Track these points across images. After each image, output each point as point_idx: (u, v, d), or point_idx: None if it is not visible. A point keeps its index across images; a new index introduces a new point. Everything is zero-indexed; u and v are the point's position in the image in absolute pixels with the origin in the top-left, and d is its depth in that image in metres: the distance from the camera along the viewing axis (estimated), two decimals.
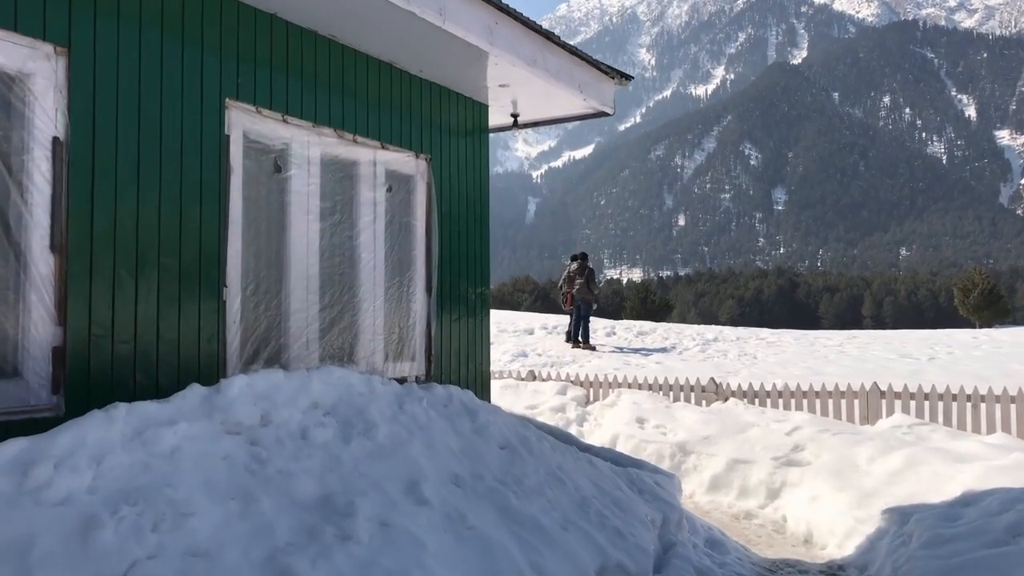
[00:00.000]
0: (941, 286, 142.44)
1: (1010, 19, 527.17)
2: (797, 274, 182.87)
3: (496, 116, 7.41)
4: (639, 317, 62.45)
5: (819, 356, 17.17)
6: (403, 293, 6.08)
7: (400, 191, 6.15)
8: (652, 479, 6.33)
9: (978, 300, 67.00)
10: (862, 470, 7.25)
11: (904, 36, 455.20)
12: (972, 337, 24.33)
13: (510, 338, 20.05)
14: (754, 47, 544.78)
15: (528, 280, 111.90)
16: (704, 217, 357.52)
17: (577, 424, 9.91)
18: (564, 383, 10.72)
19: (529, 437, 4.90)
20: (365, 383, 4.14)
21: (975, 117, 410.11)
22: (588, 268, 18.35)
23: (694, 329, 23.40)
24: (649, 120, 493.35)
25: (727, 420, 8.90)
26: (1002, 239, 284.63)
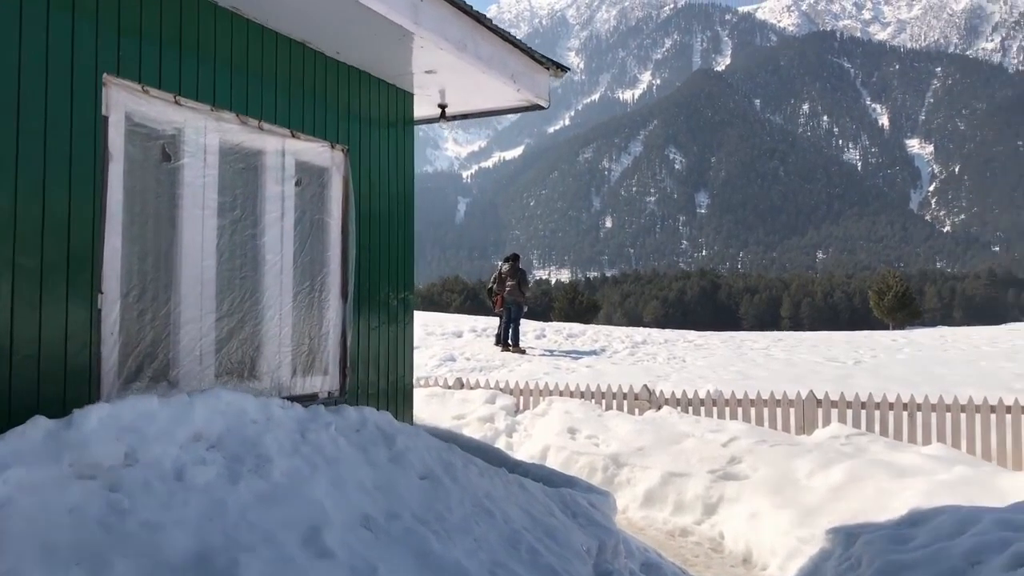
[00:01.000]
0: (856, 288, 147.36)
1: (920, 33, 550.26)
2: (719, 276, 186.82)
3: (422, 106, 6.85)
4: (567, 317, 62.50)
5: (747, 359, 17.10)
6: (315, 299, 5.47)
7: (313, 185, 5.55)
8: (586, 499, 5.88)
9: (892, 302, 69.18)
10: (802, 485, 6.95)
11: (822, 46, 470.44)
12: (892, 340, 24.80)
13: (438, 341, 19.46)
14: (680, 53, 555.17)
15: (458, 280, 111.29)
16: (630, 219, 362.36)
17: (506, 435, 9.42)
18: (493, 391, 10.22)
19: (454, 463, 4.37)
20: (260, 408, 3.55)
21: (887, 126, 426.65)
22: (520, 270, 17.91)
23: (623, 331, 23.22)
24: (578, 123, 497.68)
25: (661, 430, 8.54)
26: (912, 243, 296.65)
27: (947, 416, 8.00)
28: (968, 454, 7.68)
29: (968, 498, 5.58)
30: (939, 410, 8.07)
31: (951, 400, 8.23)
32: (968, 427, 7.88)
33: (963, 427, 7.92)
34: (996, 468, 6.95)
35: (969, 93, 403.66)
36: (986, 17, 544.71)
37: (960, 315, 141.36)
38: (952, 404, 8.02)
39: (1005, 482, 6.07)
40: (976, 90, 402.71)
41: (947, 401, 8.13)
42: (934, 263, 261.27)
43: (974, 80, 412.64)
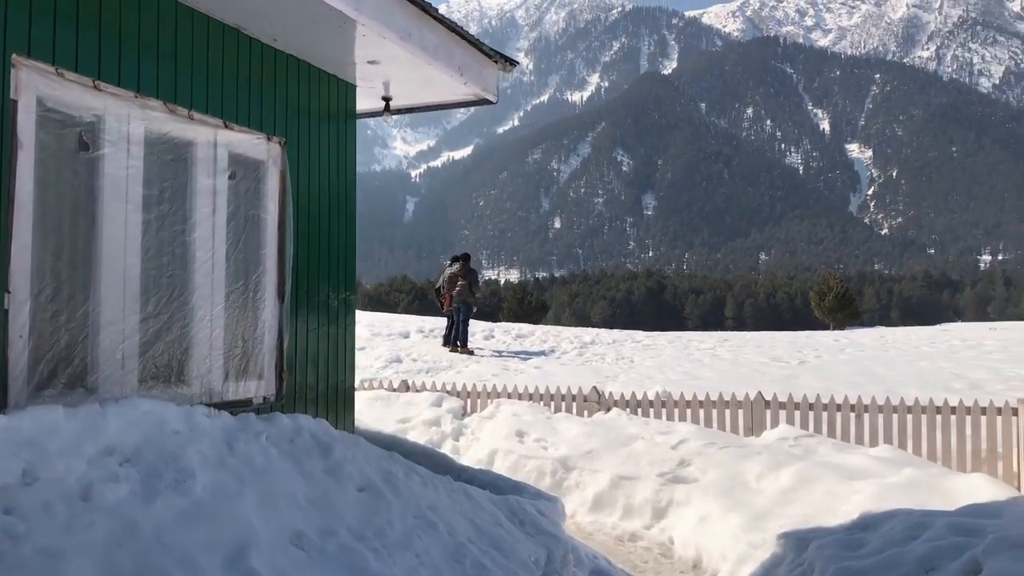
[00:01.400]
0: (797, 289, 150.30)
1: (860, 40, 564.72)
2: (665, 276, 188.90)
3: (366, 99, 6.60)
4: (517, 318, 62.44)
5: (694, 360, 17.15)
6: (249, 299, 5.18)
7: (247, 179, 5.25)
8: (534, 507, 5.69)
9: (833, 303, 70.61)
10: (752, 488, 6.87)
11: (766, 51, 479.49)
12: (834, 340, 25.20)
13: (384, 342, 19.12)
14: (627, 56, 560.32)
15: (406, 280, 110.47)
16: (579, 220, 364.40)
17: (453, 439, 9.20)
18: (439, 394, 9.98)
19: (395, 473, 4.14)
20: (183, 418, 3.28)
21: (828, 131, 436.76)
22: (472, 270, 17.69)
23: (572, 331, 23.16)
24: (527, 124, 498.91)
25: (610, 432, 8.41)
26: (851, 246, 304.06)
27: (893, 417, 8.03)
28: (914, 455, 7.71)
29: (918, 501, 5.55)
30: (886, 411, 8.09)
31: (897, 401, 8.26)
32: (914, 428, 7.91)
33: (909, 428, 7.95)
34: (943, 470, 6.98)
35: (906, 100, 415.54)
36: (922, 26, 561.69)
37: (897, 315, 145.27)
38: (898, 405, 8.05)
39: (953, 484, 6.07)
40: (913, 97, 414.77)
41: (893, 403, 8.16)
42: (872, 265, 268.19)
43: (911, 87, 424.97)
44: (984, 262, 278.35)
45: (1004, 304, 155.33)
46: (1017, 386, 13.21)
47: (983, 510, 4.92)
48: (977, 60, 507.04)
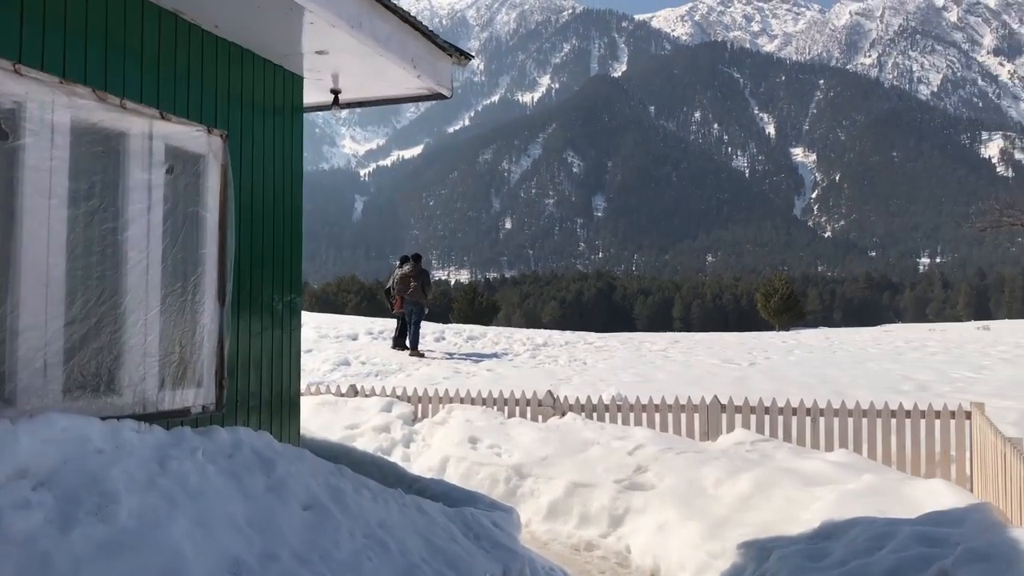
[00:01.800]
0: (743, 290, 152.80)
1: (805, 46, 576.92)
2: (614, 277, 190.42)
3: (314, 92, 6.30)
4: (467, 319, 62.17)
5: (647, 362, 17.11)
6: (187, 302, 4.86)
7: (186, 174, 4.93)
8: (489, 519, 5.47)
9: (778, 304, 71.79)
10: (710, 494, 6.75)
11: (714, 56, 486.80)
12: (782, 342, 25.48)
13: (332, 344, 18.69)
14: (578, 58, 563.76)
15: (354, 280, 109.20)
16: (529, 221, 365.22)
17: (404, 445, 8.92)
18: (389, 399, 9.68)
19: (343, 488, 3.88)
20: (109, 434, 2.98)
21: (774, 135, 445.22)
22: (423, 270, 17.38)
23: (524, 333, 22.99)
24: (478, 124, 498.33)
25: (566, 438, 8.23)
26: (795, 248, 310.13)
27: (849, 421, 8.00)
28: (870, 459, 7.69)
29: (879, 508, 5.47)
30: (841, 415, 8.07)
31: (852, 405, 8.24)
32: (869, 432, 7.89)
33: (864, 432, 7.93)
34: (902, 475, 6.95)
35: (849, 105, 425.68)
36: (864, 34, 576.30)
37: (840, 316, 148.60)
38: (854, 409, 8.03)
39: (913, 490, 6.02)
40: (855, 103, 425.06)
41: (848, 406, 8.14)
42: (816, 267, 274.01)
43: (854, 93, 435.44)
44: (923, 265, 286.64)
45: (942, 306, 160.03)
46: (962, 387, 13.42)
47: (945, 518, 4.85)
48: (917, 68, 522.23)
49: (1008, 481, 5.31)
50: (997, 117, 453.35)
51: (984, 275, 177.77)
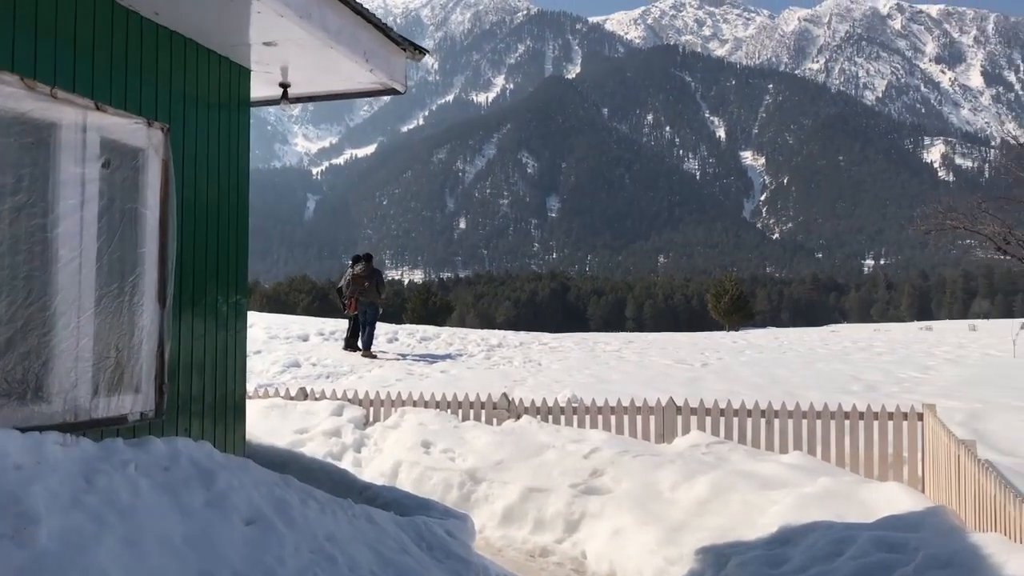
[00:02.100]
0: (694, 291, 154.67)
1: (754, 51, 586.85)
2: (568, 278, 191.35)
3: (262, 86, 6.06)
4: (421, 319, 61.71)
5: (601, 362, 17.09)
6: (125, 303, 4.61)
7: (124, 168, 4.67)
8: (443, 527, 5.31)
9: (728, 305, 72.77)
10: (666, 498, 6.67)
11: (666, 59, 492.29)
12: (733, 342, 25.74)
13: (282, 345, 18.30)
14: (532, 59, 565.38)
15: (306, 280, 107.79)
16: (484, 221, 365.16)
17: (355, 450, 8.69)
18: (340, 402, 9.44)
19: (289, 500, 3.69)
20: (29, 449, 2.75)
21: (724, 138, 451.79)
22: (376, 270, 17.10)
23: (478, 334, 22.83)
24: (432, 123, 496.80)
25: (521, 441, 8.10)
26: (744, 250, 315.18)
27: (803, 423, 8.01)
28: (823, 461, 7.70)
29: (837, 512, 5.45)
30: (795, 417, 8.07)
31: (805, 406, 8.26)
32: (823, 434, 7.91)
33: (818, 433, 7.94)
34: (858, 478, 6.96)
35: (797, 110, 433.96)
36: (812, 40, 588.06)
37: (787, 317, 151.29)
38: (808, 411, 8.04)
39: (869, 494, 6.01)
40: (803, 107, 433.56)
41: (803, 407, 8.15)
42: (764, 268, 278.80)
43: (802, 98, 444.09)
44: (867, 266, 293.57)
45: (886, 307, 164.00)
46: (909, 387, 13.64)
47: (902, 522, 4.83)
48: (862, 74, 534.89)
49: (962, 484, 5.33)
50: (938, 123, 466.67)
51: (926, 277, 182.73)
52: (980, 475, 4.77)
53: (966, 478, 5.19)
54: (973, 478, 4.92)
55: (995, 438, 8.84)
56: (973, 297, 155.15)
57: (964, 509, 5.15)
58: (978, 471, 4.84)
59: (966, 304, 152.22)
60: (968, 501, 5.09)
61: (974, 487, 4.93)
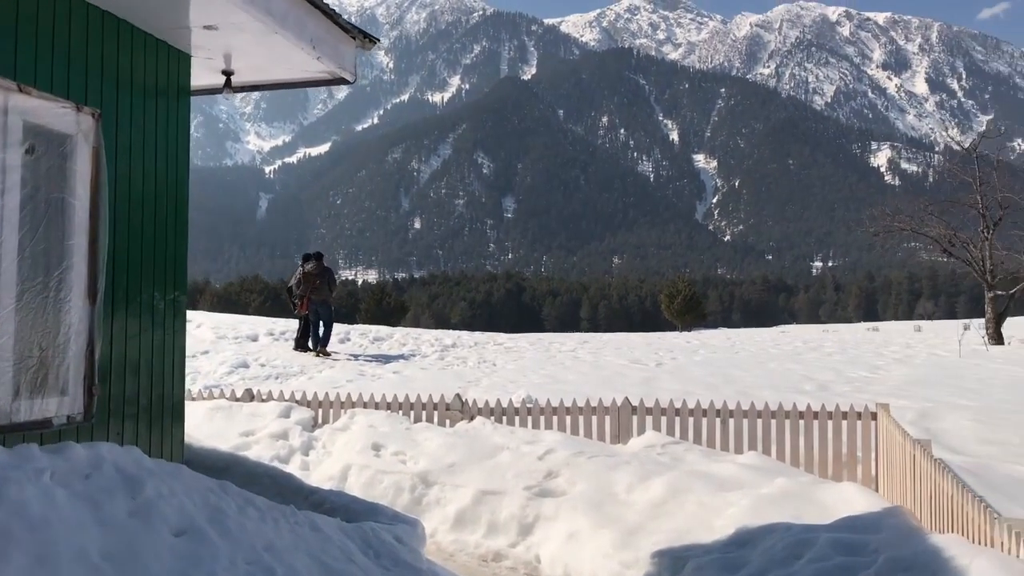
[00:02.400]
0: (647, 292, 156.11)
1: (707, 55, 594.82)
2: (524, 278, 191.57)
3: (203, 73, 5.79)
4: (375, 319, 61.12)
5: (556, 363, 16.99)
6: (50, 299, 4.32)
7: (51, 155, 4.38)
8: (391, 533, 5.11)
9: (681, 305, 73.54)
10: (622, 500, 6.55)
11: (620, 62, 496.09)
12: (687, 342, 25.87)
13: (230, 346, 17.86)
14: (488, 60, 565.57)
15: (258, 280, 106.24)
16: (439, 221, 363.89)
17: (303, 453, 8.42)
18: (288, 404, 9.15)
19: (225, 508, 3.46)
20: None
21: (677, 141, 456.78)
22: (327, 268, 16.79)
23: (432, 334, 22.58)
24: (387, 122, 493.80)
25: (474, 443, 7.92)
26: (697, 251, 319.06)
27: (758, 423, 7.96)
28: (779, 460, 7.66)
29: (794, 513, 5.37)
30: (750, 417, 8.02)
31: (759, 405, 8.22)
32: (778, 433, 7.87)
33: (773, 433, 7.90)
34: (814, 478, 6.91)
35: (748, 114, 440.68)
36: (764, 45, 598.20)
37: (738, 317, 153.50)
38: (763, 411, 8.00)
39: (826, 494, 5.96)
40: (754, 111, 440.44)
41: (758, 407, 8.11)
42: (716, 269, 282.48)
43: (753, 102, 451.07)
44: (816, 268, 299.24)
45: (834, 307, 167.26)
46: (860, 386, 13.76)
47: (860, 523, 4.77)
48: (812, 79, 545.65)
49: (918, 484, 5.29)
50: (885, 128, 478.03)
51: (873, 278, 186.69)
52: (937, 475, 4.72)
53: (922, 478, 5.15)
54: (930, 478, 4.88)
55: (945, 437, 8.90)
56: (918, 298, 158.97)
57: (921, 509, 5.11)
58: (935, 471, 4.80)
59: (911, 305, 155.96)
60: (925, 501, 5.05)
61: (931, 487, 4.89)
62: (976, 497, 3.95)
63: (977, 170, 29.27)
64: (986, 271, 27.95)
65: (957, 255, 29.12)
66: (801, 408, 8.01)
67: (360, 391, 11.83)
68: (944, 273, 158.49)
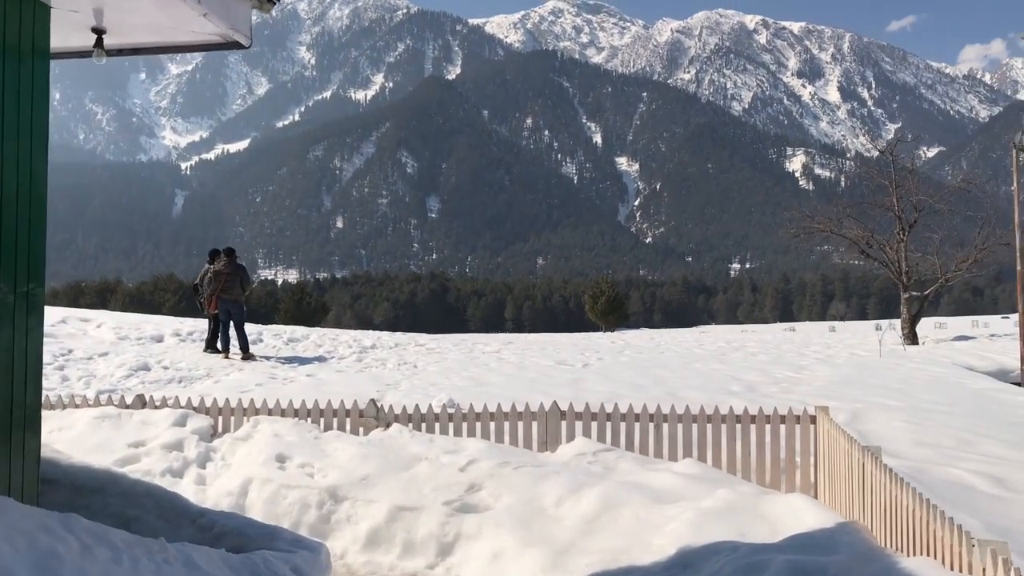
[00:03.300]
0: (571, 293, 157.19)
1: (630, 60, 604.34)
2: (448, 279, 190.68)
3: (69, 31, 4.97)
4: (294, 320, 59.43)
5: (480, 364, 16.39)
6: None
7: None
8: (288, 563, 4.42)
9: (605, 306, 74.12)
10: (551, 515, 5.98)
11: (545, 64, 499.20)
12: (611, 342, 25.62)
13: (132, 347, 16.68)
14: (412, 58, 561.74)
15: (172, 279, 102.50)
16: (362, 220, 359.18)
17: (199, 466, 7.58)
18: (184, 411, 8.27)
19: (60, 553, 2.73)
20: None
21: (600, 144, 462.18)
22: (240, 265, 15.79)
23: (350, 335, 21.70)
24: (308, 119, 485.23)
25: (390, 454, 7.24)
26: (619, 252, 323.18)
27: (693, 427, 7.49)
28: (715, 467, 7.20)
29: (740, 530, 4.90)
30: (685, 421, 7.55)
31: (687, 406, 7.76)
32: (714, 438, 7.41)
33: (709, 438, 7.44)
34: (758, 489, 6.44)
35: (669, 118, 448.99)
36: (684, 51, 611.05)
37: (659, 318, 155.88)
38: (698, 415, 7.53)
39: (772, 507, 5.49)
40: (675, 115, 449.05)
41: (693, 411, 7.63)
42: (638, 271, 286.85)
43: (674, 106, 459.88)
44: (734, 270, 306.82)
45: (751, 308, 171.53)
46: (788, 387, 13.58)
47: (814, 542, 4.31)
48: (730, 85, 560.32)
49: (870, 496, 4.88)
50: (800, 134, 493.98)
51: (788, 280, 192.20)
52: (895, 488, 4.30)
53: (875, 489, 4.74)
54: (885, 490, 4.46)
55: (875, 438, 8.66)
56: (831, 300, 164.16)
57: (875, 524, 4.69)
58: (892, 483, 4.38)
59: (824, 306, 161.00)
60: (879, 515, 4.63)
61: (886, 500, 4.47)
62: (948, 516, 3.52)
63: (893, 173, 29.93)
64: (902, 272, 28.56)
65: (874, 256, 29.71)
66: (738, 412, 7.59)
67: (269, 396, 11.00)
68: (855, 276, 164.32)
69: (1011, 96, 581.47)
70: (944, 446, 9.14)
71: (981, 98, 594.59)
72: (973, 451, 9.00)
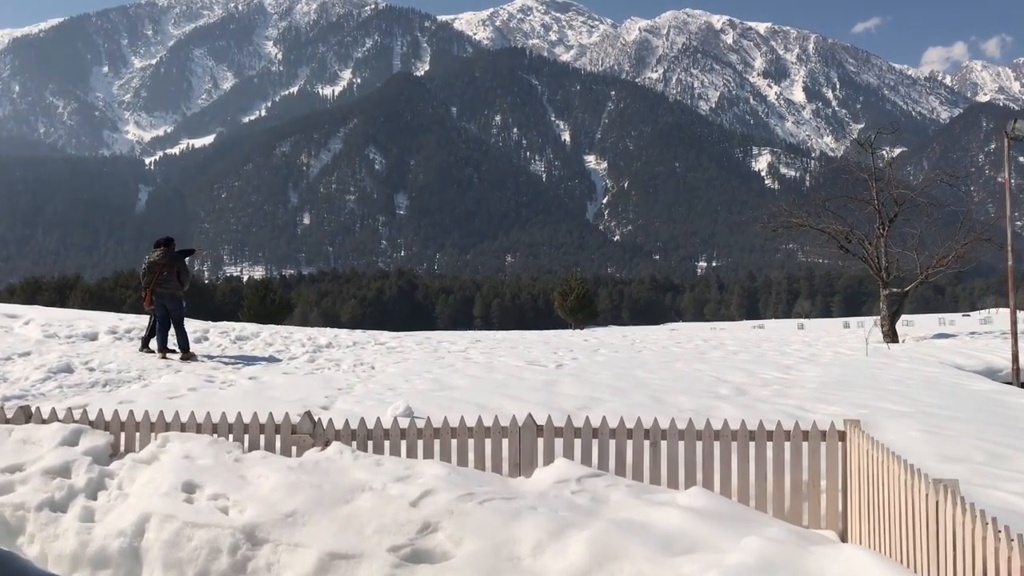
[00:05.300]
0: (540, 290, 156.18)
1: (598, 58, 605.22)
2: (416, 276, 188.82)
3: None
4: (259, 317, 57.42)
5: (445, 364, 14.99)
6: None
7: None
8: None
9: (574, 303, 73.29)
10: (527, 568, 4.62)
11: (513, 62, 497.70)
12: (584, 340, 24.36)
13: (59, 346, 15.03)
14: (380, 54, 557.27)
15: (133, 275, 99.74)
16: (329, 217, 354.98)
17: (88, 496, 6.10)
18: (78, 427, 6.77)
19: None
20: None
21: (569, 142, 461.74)
22: (177, 256, 14.23)
23: (305, 333, 20.16)
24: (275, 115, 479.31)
25: (326, 481, 5.83)
26: (588, 250, 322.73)
27: (698, 446, 6.17)
28: (723, 495, 5.88)
29: None
30: (687, 438, 6.19)
31: (678, 413, 6.45)
32: (723, 460, 6.08)
33: (716, 459, 6.11)
34: (792, 533, 5.03)
35: (638, 117, 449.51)
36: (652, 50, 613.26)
37: (628, 316, 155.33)
38: (703, 430, 6.14)
39: (825, 566, 4.16)
40: (643, 114, 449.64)
41: (697, 426, 6.29)
42: (606, 269, 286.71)
43: (642, 105, 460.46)
44: (700, 268, 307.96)
45: (718, 306, 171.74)
46: (780, 390, 12.42)
47: None
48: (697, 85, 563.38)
49: (952, 551, 3.60)
50: (766, 134, 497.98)
51: (754, 278, 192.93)
52: (1008, 552, 3.03)
53: (964, 545, 3.47)
54: (1000, 556, 3.18)
55: (898, 451, 7.47)
56: (796, 297, 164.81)
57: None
58: (998, 543, 3.11)
59: (790, 304, 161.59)
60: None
61: (983, 559, 3.21)
62: None
63: (872, 165, 29.05)
64: (881, 268, 27.66)
65: (853, 251, 28.79)
66: (734, 420, 6.28)
67: (200, 404, 9.54)
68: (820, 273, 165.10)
69: (971, 98, 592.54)
70: (975, 461, 7.96)
71: (942, 100, 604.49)
72: (1010, 467, 7.81)
